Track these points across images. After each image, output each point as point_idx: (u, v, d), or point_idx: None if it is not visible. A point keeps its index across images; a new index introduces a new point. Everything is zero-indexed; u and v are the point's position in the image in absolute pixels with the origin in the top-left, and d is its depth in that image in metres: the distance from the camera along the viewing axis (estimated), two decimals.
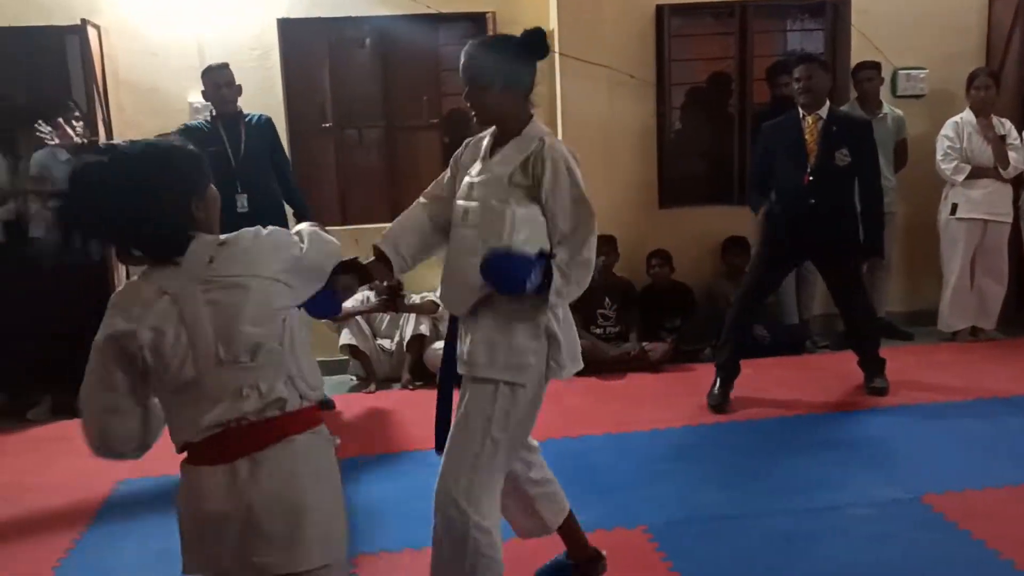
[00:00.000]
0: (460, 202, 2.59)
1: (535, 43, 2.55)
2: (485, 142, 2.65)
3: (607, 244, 5.70)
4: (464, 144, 2.74)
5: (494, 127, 2.64)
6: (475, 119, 2.62)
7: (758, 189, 4.92)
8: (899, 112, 6.05)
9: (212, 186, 1.97)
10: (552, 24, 5.79)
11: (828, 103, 4.72)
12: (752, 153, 4.89)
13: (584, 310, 5.74)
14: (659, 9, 5.93)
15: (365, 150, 6.20)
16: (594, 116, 5.78)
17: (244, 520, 1.83)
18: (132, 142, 1.93)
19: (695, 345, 5.74)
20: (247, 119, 4.95)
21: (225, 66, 4.90)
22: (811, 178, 4.59)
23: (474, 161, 2.64)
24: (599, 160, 5.78)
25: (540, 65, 2.66)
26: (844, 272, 4.81)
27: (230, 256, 1.88)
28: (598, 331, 5.73)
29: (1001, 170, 5.68)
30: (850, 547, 3.23)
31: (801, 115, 4.69)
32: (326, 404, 5.05)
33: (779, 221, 4.70)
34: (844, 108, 6.00)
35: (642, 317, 5.82)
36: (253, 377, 1.85)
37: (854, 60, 6.07)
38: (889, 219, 6.04)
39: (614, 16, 5.80)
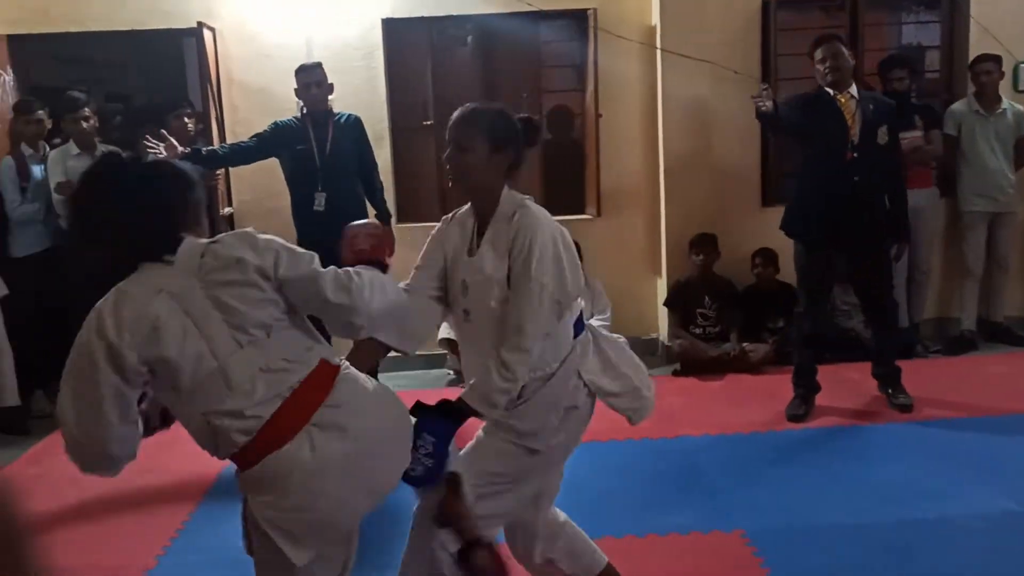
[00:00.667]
0: (460, 298, 2.45)
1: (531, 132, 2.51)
2: (469, 225, 2.50)
3: (708, 242, 5.62)
4: (444, 220, 2.61)
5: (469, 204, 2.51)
6: (452, 183, 2.50)
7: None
8: (1020, 107, 5.76)
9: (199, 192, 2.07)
10: (654, 19, 5.73)
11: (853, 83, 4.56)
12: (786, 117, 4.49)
13: (684, 309, 5.67)
14: (765, 3, 5.79)
15: None
16: (696, 112, 5.70)
17: (360, 454, 1.92)
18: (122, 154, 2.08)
19: None
20: (336, 118, 5.03)
21: (317, 66, 5.00)
22: (854, 155, 4.39)
23: (464, 245, 2.48)
24: (700, 157, 5.71)
25: (644, 59, 2.62)
26: (877, 259, 4.58)
27: (221, 246, 1.94)
28: (697, 331, 5.65)
29: None
30: (958, 560, 3.11)
31: (832, 94, 4.49)
32: None
33: (810, 212, 4.52)
34: (960, 103, 5.77)
35: (744, 317, 5.72)
36: (277, 351, 1.93)
37: (972, 53, 5.81)
38: (1010, 220, 5.79)
39: (718, 11, 5.70)
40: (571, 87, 6.24)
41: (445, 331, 5.56)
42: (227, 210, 5.72)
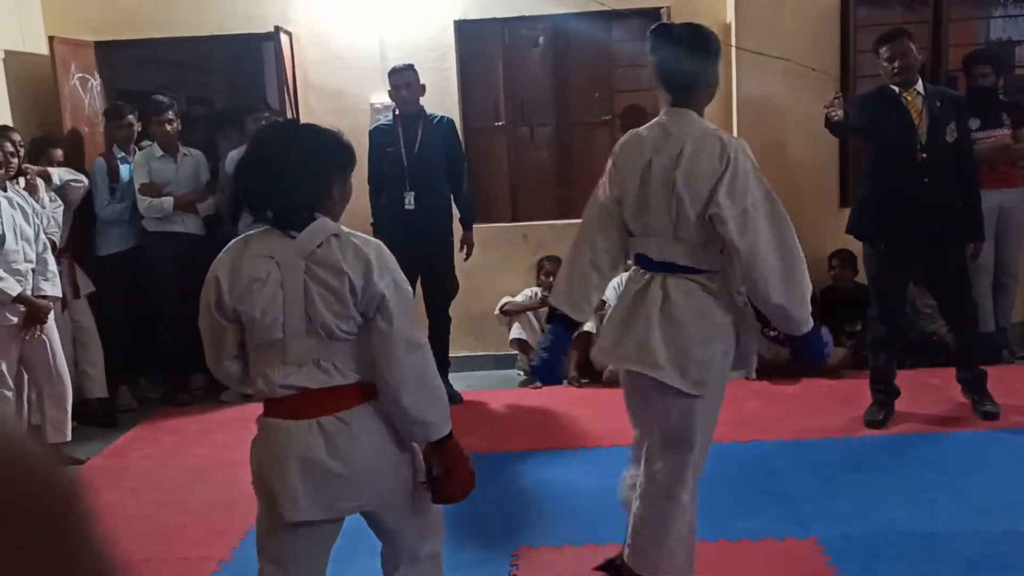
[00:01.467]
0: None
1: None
2: None
3: None
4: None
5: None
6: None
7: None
8: None
9: (349, 177, 2.15)
10: (729, 17, 5.64)
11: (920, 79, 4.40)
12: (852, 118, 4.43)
13: (759, 312, 5.56)
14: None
15: (537, 147, 6.27)
16: (772, 111, 5.60)
17: (337, 470, 2.04)
18: (303, 123, 2.24)
19: None
20: (428, 119, 5.10)
21: (406, 68, 5.07)
22: (924, 155, 4.24)
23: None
24: (776, 156, 5.59)
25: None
26: (953, 259, 4.42)
27: (341, 247, 2.03)
28: (772, 333, 5.54)
29: None
30: None
31: (898, 91, 4.35)
32: (453, 398, 5.15)
33: (879, 213, 4.38)
34: None
35: (821, 320, 5.57)
36: (330, 353, 2.05)
37: None
38: None
39: (794, 7, 5.59)
40: (644, 87, 6.19)
41: (516, 331, 5.59)
42: None
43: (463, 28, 5.86)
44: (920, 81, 4.39)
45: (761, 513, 3.55)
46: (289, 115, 5.68)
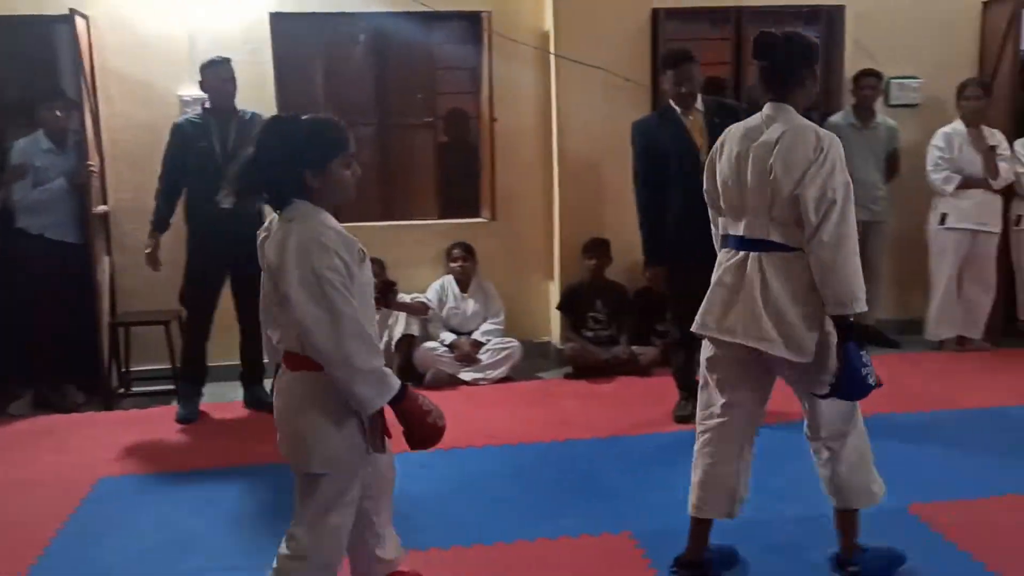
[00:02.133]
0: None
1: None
2: None
3: (600, 247, 5.69)
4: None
5: None
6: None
7: (650, 187, 4.60)
8: (892, 122, 6.05)
9: (342, 164, 2.42)
10: (548, 25, 5.77)
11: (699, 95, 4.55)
12: (635, 152, 4.61)
13: (576, 313, 5.72)
14: (655, 12, 5.91)
15: (358, 147, 6.14)
16: (590, 118, 5.76)
17: (276, 417, 2.43)
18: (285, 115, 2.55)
19: None
20: (241, 115, 4.91)
21: (228, 61, 4.88)
22: None
23: None
24: (594, 162, 5.77)
25: (538, 64, 2.71)
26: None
27: (280, 231, 2.31)
28: (589, 334, 5.71)
29: (991, 180, 5.69)
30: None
31: (679, 111, 4.50)
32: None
33: (669, 232, 4.50)
34: (838, 116, 6.01)
35: (635, 321, 5.80)
36: (280, 317, 2.37)
37: (847, 67, 6.08)
38: (880, 228, 6.07)
39: (610, 19, 5.78)
40: (466, 90, 6.23)
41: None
42: (101, 208, 5.45)
43: (279, 21, 5.66)
44: (699, 97, 4.54)
45: (579, 510, 3.63)
46: (87, 104, 5.30)
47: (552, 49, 5.68)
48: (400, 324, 5.59)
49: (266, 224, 2.43)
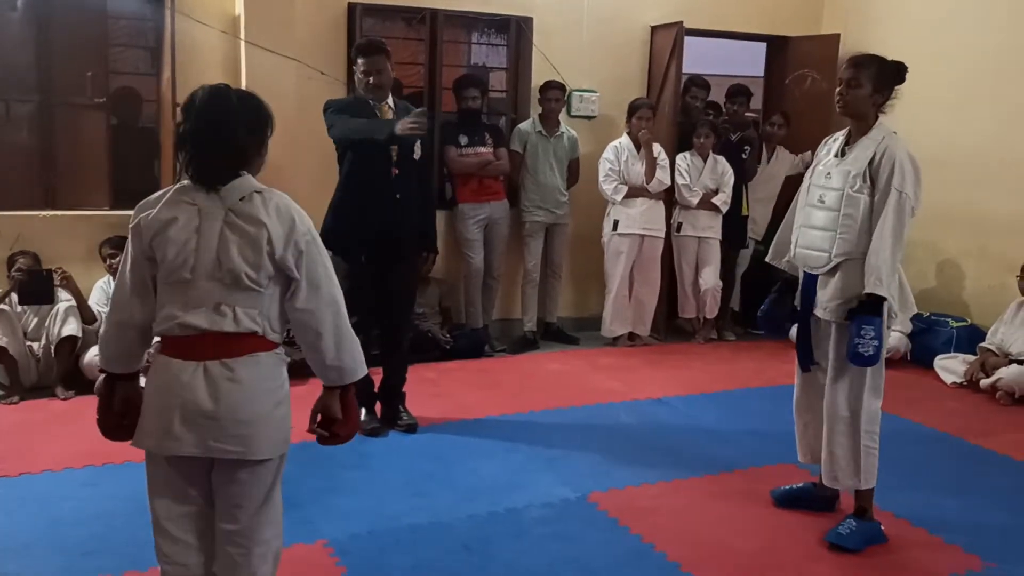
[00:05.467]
0: (816, 187, 3.46)
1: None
2: (840, 139, 3.49)
3: None
4: (823, 141, 3.62)
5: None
6: (839, 110, 3.41)
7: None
8: (574, 132, 6.45)
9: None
10: (238, 9, 5.48)
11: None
12: (331, 122, 4.40)
13: None
14: (351, 7, 5.83)
15: (14, 126, 5.46)
16: (282, 107, 5.44)
17: (213, 411, 2.18)
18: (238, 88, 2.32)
19: None
20: None
21: None
22: (396, 171, 4.35)
23: (828, 154, 3.49)
24: (287, 151, 5.53)
25: (228, 48, 2.62)
26: (410, 276, 4.65)
27: (264, 202, 2.23)
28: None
29: (646, 186, 6.22)
30: (526, 550, 3.35)
31: (373, 104, 4.41)
32: None
33: (355, 229, 4.38)
34: (527, 124, 6.30)
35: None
36: (232, 300, 2.20)
37: (534, 77, 6.38)
38: (561, 231, 6.45)
39: (305, 9, 5.62)
40: (145, 71, 5.74)
41: None
42: None
43: None
44: (391, 96, 4.49)
45: None
46: None
47: (242, 35, 5.40)
48: (62, 322, 4.97)
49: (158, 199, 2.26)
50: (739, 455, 4.36)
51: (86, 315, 5.07)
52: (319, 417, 2.40)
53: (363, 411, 4.47)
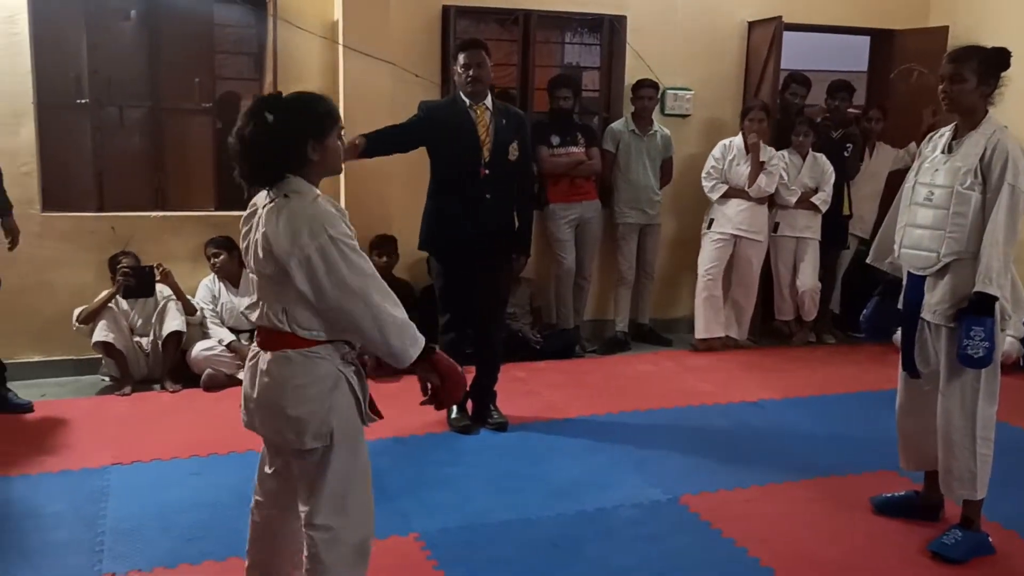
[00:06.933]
0: (923, 184, 3.34)
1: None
2: (947, 135, 3.36)
3: (388, 244, 5.62)
4: (927, 137, 3.49)
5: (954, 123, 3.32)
6: (946, 108, 3.30)
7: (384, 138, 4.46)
8: (667, 131, 6.38)
9: (336, 135, 2.38)
10: (337, 15, 5.61)
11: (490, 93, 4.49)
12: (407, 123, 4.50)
13: None
14: (445, 10, 5.91)
15: (127, 131, 5.73)
16: (378, 111, 5.62)
17: (253, 398, 2.45)
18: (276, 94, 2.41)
19: None
20: None
21: None
22: (487, 172, 4.36)
23: (935, 151, 3.37)
24: (382, 158, 5.65)
25: (326, 53, 2.68)
26: (504, 277, 4.66)
27: (278, 209, 2.31)
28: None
29: (748, 190, 6.11)
30: (615, 549, 3.34)
31: (468, 104, 4.42)
32: (21, 407, 4.66)
33: (445, 230, 4.46)
34: (619, 123, 6.27)
35: (420, 319, 5.74)
36: (264, 296, 2.38)
37: (627, 76, 6.34)
38: (654, 231, 6.40)
39: (401, 13, 5.71)
40: (249, 76, 5.94)
41: (101, 334, 5.05)
42: None
43: None
44: (489, 96, 4.48)
45: None
46: None
47: (340, 40, 5.54)
48: (167, 317, 5.21)
49: (253, 201, 2.45)
50: (837, 461, 4.24)
51: (187, 307, 5.29)
52: (429, 388, 2.54)
53: (455, 409, 4.54)
